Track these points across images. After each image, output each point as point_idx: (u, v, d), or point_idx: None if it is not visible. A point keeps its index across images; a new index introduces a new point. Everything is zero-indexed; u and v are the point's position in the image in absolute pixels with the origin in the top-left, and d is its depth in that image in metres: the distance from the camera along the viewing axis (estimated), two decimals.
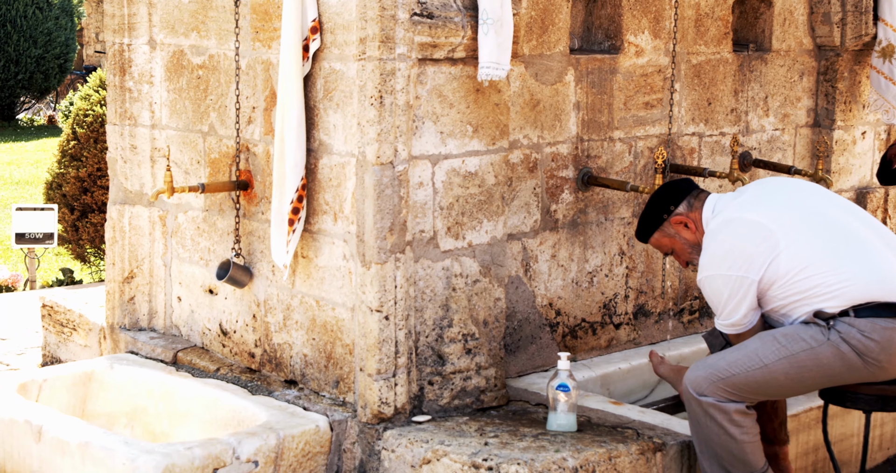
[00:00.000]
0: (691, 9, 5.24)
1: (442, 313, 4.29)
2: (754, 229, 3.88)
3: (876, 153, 6.15)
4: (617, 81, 5.01)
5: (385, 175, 4.07)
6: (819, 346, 3.79)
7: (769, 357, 3.82)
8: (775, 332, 3.89)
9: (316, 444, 4.19)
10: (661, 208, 4.13)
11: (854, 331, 3.77)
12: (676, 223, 4.12)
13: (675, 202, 4.11)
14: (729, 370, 3.84)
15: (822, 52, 5.86)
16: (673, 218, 4.11)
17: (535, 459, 3.85)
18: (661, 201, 4.15)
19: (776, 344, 3.84)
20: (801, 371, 3.82)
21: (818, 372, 3.83)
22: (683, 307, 5.44)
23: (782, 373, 3.82)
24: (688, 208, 4.09)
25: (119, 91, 5.08)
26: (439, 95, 4.18)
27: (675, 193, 4.14)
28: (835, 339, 3.78)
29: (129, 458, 3.83)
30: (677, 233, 4.13)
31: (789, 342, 3.82)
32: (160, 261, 5.13)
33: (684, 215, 4.10)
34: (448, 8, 4.13)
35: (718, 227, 3.96)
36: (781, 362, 3.81)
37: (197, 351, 4.95)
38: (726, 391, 3.84)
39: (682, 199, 4.11)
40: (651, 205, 4.18)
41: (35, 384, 4.61)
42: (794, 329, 3.86)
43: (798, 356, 3.81)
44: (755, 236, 3.87)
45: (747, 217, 3.92)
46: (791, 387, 3.90)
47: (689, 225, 4.10)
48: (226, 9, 4.67)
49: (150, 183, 5.10)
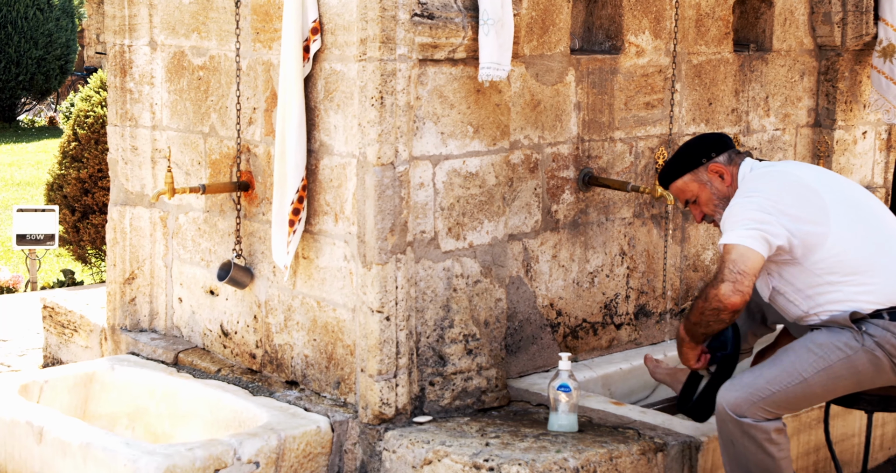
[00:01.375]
0: (692, 9, 5.24)
1: (443, 313, 4.29)
2: (806, 191, 3.76)
3: (877, 153, 6.15)
4: (618, 82, 5.01)
5: (386, 176, 4.07)
6: (854, 354, 3.71)
7: (808, 371, 3.72)
8: (807, 342, 3.77)
9: (317, 445, 4.19)
10: (701, 152, 4.00)
11: (889, 335, 3.70)
12: (713, 171, 3.98)
13: (717, 151, 3.98)
14: (769, 387, 3.71)
15: (823, 51, 5.86)
16: (712, 164, 3.98)
17: (536, 459, 3.85)
18: (702, 146, 4.01)
19: (812, 356, 3.73)
20: (837, 381, 3.75)
21: (852, 380, 3.76)
22: (684, 307, 5.44)
23: (820, 386, 3.74)
24: (728, 160, 3.98)
25: (120, 92, 5.08)
26: (440, 95, 4.18)
27: (718, 143, 4.02)
28: (869, 345, 3.71)
29: (130, 459, 3.83)
30: (710, 181, 3.99)
31: (826, 353, 3.72)
32: (161, 262, 5.13)
33: (723, 164, 3.97)
34: (448, 8, 4.13)
35: (767, 171, 3.86)
36: (820, 374, 3.72)
37: (198, 352, 4.95)
38: (765, 410, 3.72)
39: (724, 150, 3.99)
40: (689, 148, 4.04)
41: (36, 385, 4.61)
42: (826, 337, 3.75)
43: (835, 366, 3.72)
44: (806, 196, 3.75)
45: (802, 177, 3.81)
46: (823, 396, 3.84)
47: (725, 176, 3.97)
48: (226, 10, 4.67)
49: (151, 184, 5.10)
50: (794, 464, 4.51)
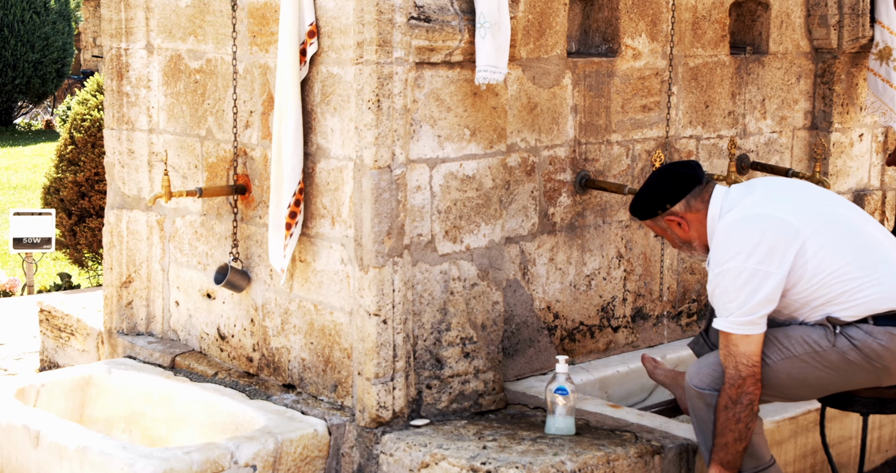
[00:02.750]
0: (688, 11, 5.25)
1: (440, 316, 4.29)
2: (781, 227, 3.73)
3: (873, 156, 6.16)
4: (614, 84, 5.01)
5: (383, 179, 4.07)
6: (824, 351, 3.75)
7: (772, 357, 3.77)
8: (777, 332, 3.81)
9: (314, 448, 4.19)
10: (656, 203, 3.95)
11: (870, 339, 3.72)
12: (669, 221, 3.96)
13: (671, 200, 3.92)
14: None
15: (819, 54, 5.86)
16: (666, 216, 3.95)
17: (533, 463, 3.84)
18: (658, 195, 3.95)
19: (779, 344, 3.78)
20: (804, 373, 3.78)
21: (823, 375, 3.79)
22: (681, 309, 5.44)
23: (784, 373, 3.78)
24: (685, 207, 3.92)
25: (116, 96, 5.08)
26: (437, 98, 4.18)
27: (674, 188, 3.94)
28: (842, 345, 3.73)
29: (127, 463, 3.83)
30: (668, 228, 3.98)
31: (792, 345, 3.78)
32: (158, 265, 5.13)
33: (679, 215, 3.93)
34: (445, 12, 4.13)
35: (740, 221, 3.78)
36: (784, 362, 3.77)
37: (195, 356, 4.94)
38: None
39: (680, 197, 3.92)
40: (648, 194, 3.99)
41: (33, 389, 4.61)
42: (799, 331, 3.79)
43: (801, 357, 3.76)
44: (783, 234, 3.72)
45: (773, 215, 3.76)
46: (796, 389, 3.86)
47: (683, 225, 3.94)
48: (223, 13, 4.67)
49: (148, 187, 5.09)
50: (791, 467, 4.51)
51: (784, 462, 4.49)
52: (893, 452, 5.12)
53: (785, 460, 4.50)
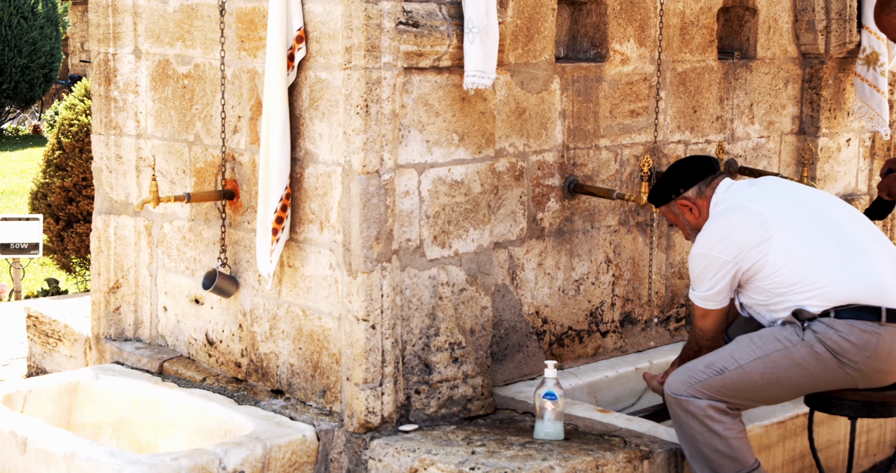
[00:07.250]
0: (676, 17, 5.26)
1: (428, 321, 4.29)
2: (753, 218, 4.00)
3: (861, 160, 6.17)
4: (603, 90, 5.02)
5: (371, 184, 4.06)
6: (793, 346, 3.87)
7: (744, 358, 3.92)
8: (751, 334, 4.00)
9: (303, 454, 4.18)
10: (671, 187, 4.27)
11: (831, 332, 3.84)
12: (681, 206, 4.26)
13: (685, 185, 4.24)
14: (705, 371, 3.94)
15: (807, 59, 5.88)
16: (679, 200, 4.25)
17: (522, 468, 3.84)
18: (673, 181, 4.27)
19: (751, 345, 3.94)
20: (777, 372, 3.89)
21: (795, 373, 3.89)
22: (670, 314, 5.45)
23: (758, 373, 3.89)
24: (697, 193, 4.23)
25: (104, 101, 5.07)
26: (425, 103, 4.18)
27: (688, 175, 4.25)
28: (809, 339, 3.85)
29: (114, 469, 3.82)
30: (681, 213, 4.28)
31: (764, 343, 3.92)
32: (146, 271, 5.12)
33: (691, 200, 4.24)
34: (434, 17, 4.13)
35: (722, 212, 4.10)
36: (756, 362, 3.90)
37: (183, 361, 4.93)
38: (702, 392, 3.92)
39: (693, 183, 4.23)
40: (665, 180, 4.30)
41: (20, 395, 4.59)
42: (769, 331, 3.96)
43: (772, 355, 3.89)
44: (751, 226, 3.98)
45: (751, 207, 4.04)
46: (770, 389, 3.94)
47: (694, 210, 4.24)
48: (211, 18, 4.66)
49: (136, 193, 5.08)
50: (779, 471, 4.51)
51: (772, 467, 4.50)
52: (881, 456, 5.13)
53: (773, 464, 4.51)
